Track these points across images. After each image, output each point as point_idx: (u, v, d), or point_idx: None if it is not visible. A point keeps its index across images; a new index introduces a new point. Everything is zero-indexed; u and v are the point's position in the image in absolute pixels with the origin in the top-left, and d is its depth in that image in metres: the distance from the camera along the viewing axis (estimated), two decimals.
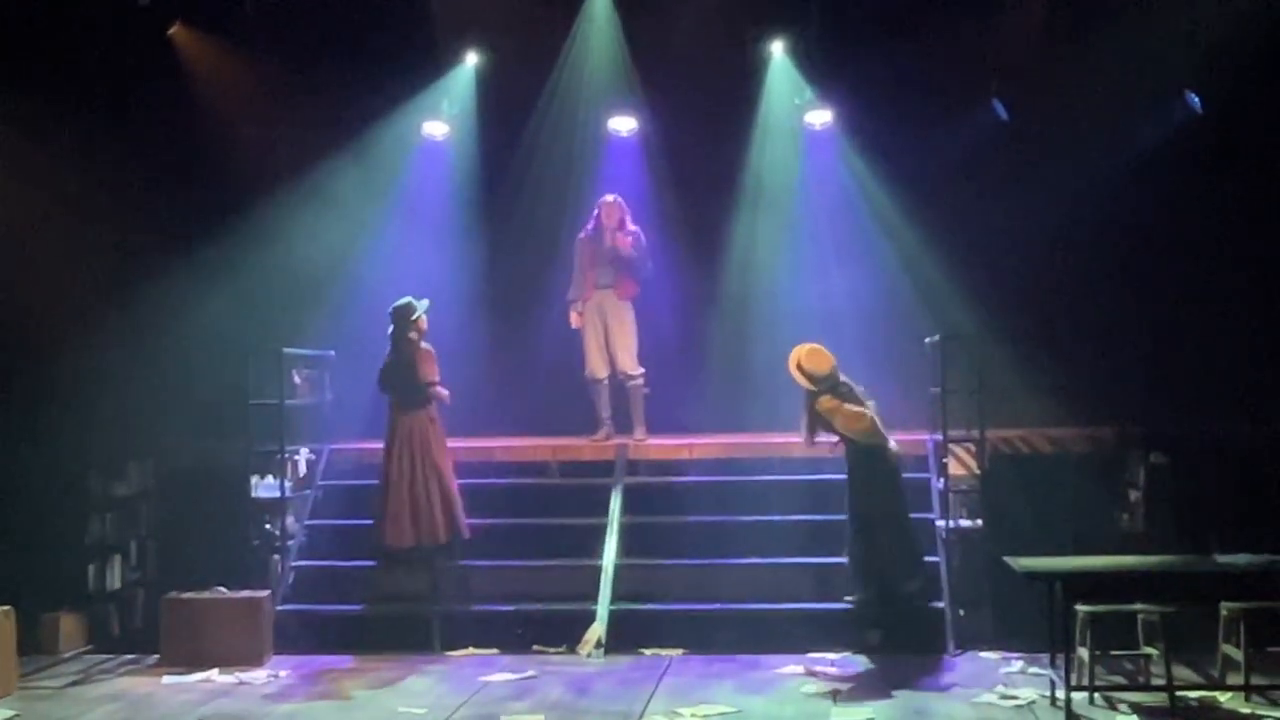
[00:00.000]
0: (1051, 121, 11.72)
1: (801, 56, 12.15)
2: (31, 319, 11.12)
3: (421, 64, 12.13)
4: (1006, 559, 8.58)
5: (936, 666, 9.49)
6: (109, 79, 11.47)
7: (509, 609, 10.38)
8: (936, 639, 9.86)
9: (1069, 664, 8.41)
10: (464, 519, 10.42)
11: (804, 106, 12.19)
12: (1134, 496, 10.51)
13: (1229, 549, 8.50)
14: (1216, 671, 8.85)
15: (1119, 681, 8.89)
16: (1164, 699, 8.32)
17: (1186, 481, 10.33)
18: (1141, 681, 8.77)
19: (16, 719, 8.61)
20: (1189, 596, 8.58)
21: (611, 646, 9.95)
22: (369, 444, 11.20)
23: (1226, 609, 8.71)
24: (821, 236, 12.18)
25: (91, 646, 10.53)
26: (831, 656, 9.73)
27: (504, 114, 12.39)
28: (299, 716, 8.58)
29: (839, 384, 9.83)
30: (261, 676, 9.51)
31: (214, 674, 9.55)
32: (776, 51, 12.24)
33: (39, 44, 11.20)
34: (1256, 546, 8.57)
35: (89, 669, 9.93)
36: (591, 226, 11.45)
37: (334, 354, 11.57)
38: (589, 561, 10.48)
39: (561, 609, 10.30)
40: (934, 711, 8.43)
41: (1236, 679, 8.50)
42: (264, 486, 10.66)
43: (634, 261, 11.32)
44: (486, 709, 8.60)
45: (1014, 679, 9.10)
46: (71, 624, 10.51)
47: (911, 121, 11.66)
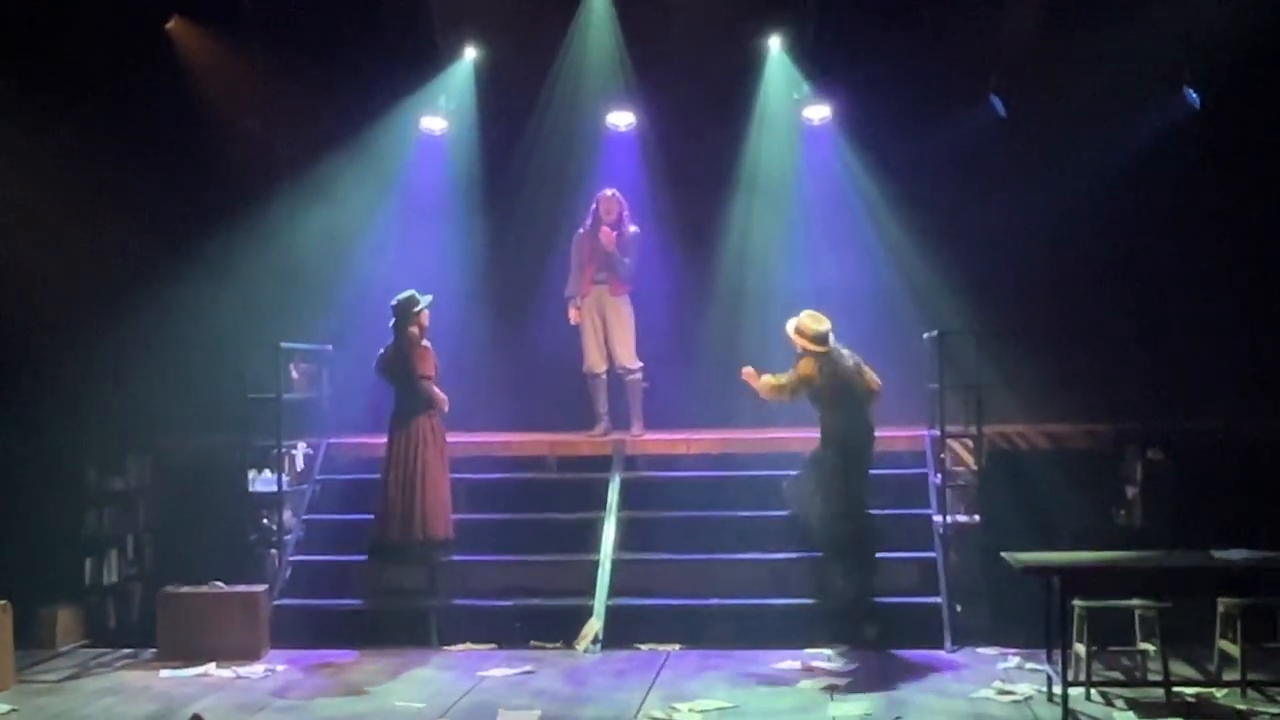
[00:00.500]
0: (1050, 118, 11.72)
1: (799, 52, 12.13)
2: (28, 314, 11.12)
3: (420, 59, 12.10)
4: (1004, 554, 8.57)
5: (933, 662, 9.49)
6: (107, 73, 11.44)
7: (506, 604, 10.40)
8: (934, 634, 9.88)
9: (1066, 659, 8.44)
10: (450, 518, 10.40)
11: (802, 102, 12.18)
12: (1131, 493, 10.51)
13: (1226, 545, 8.51)
14: (1213, 667, 8.87)
15: (1116, 677, 8.90)
16: (1160, 695, 8.32)
17: (1183, 478, 10.33)
18: (1138, 677, 8.78)
19: (14, 713, 8.60)
20: (1186, 592, 8.61)
21: (608, 641, 9.96)
22: (366, 438, 11.21)
23: (1223, 605, 8.72)
24: (819, 232, 12.17)
25: (88, 641, 10.52)
26: (828, 651, 9.74)
27: (502, 109, 12.37)
28: (296, 711, 8.57)
29: (833, 353, 9.85)
30: (259, 671, 9.50)
31: (211, 668, 9.54)
32: (774, 47, 12.21)
33: (38, 42, 11.19)
34: (1253, 542, 8.61)
35: (86, 663, 9.91)
36: (590, 222, 11.44)
37: (331, 349, 11.56)
38: (586, 556, 10.48)
39: (558, 604, 10.32)
40: (931, 707, 8.43)
41: (1233, 675, 8.52)
42: (261, 481, 10.67)
43: (611, 257, 11.30)
44: (484, 703, 8.60)
45: (1011, 674, 9.10)
46: (68, 618, 10.50)
47: (910, 117, 11.66)
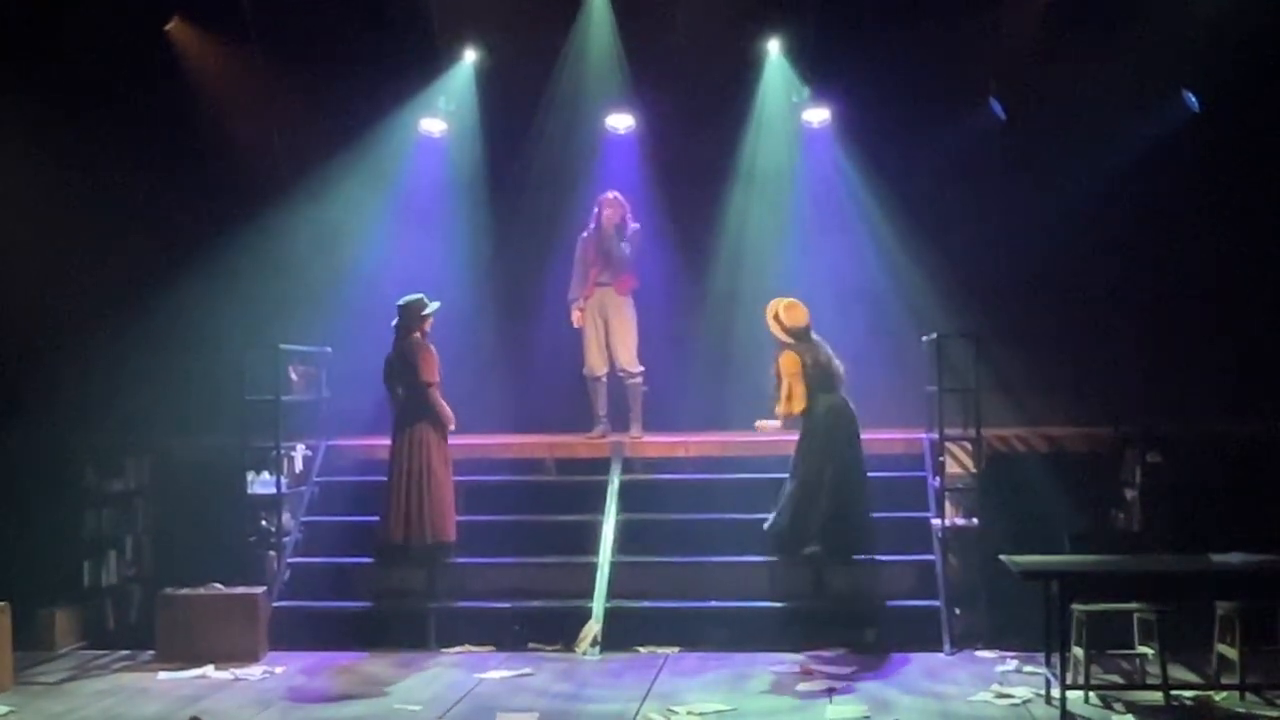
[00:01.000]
0: (1049, 121, 11.72)
1: (798, 55, 12.14)
2: (27, 315, 11.12)
3: (420, 61, 12.10)
4: (1002, 558, 8.58)
5: (931, 665, 9.49)
6: (107, 75, 11.44)
7: (505, 606, 10.39)
8: (932, 637, 9.88)
9: (1064, 663, 8.43)
10: (453, 520, 10.41)
11: (801, 105, 12.19)
12: (1130, 496, 10.51)
13: (1225, 548, 8.51)
14: (1212, 671, 8.86)
15: (1114, 680, 8.90)
16: (1159, 698, 8.33)
17: (1183, 481, 10.32)
18: (1137, 681, 8.78)
19: (12, 714, 8.60)
20: (1184, 596, 8.59)
21: (607, 643, 9.95)
22: (365, 440, 11.21)
23: (1222, 608, 8.72)
24: (817, 235, 12.17)
25: (87, 642, 10.52)
26: (827, 654, 9.74)
27: (502, 111, 12.37)
28: (295, 713, 8.57)
29: (811, 342, 9.98)
30: (257, 673, 9.50)
31: (209, 670, 9.54)
32: (773, 50, 12.22)
33: (38, 44, 11.18)
34: (1252, 546, 8.58)
35: (85, 664, 9.92)
36: (593, 225, 11.43)
37: (330, 350, 11.56)
38: (585, 559, 10.47)
39: (557, 606, 10.31)
40: (928, 710, 8.42)
41: (1232, 678, 8.53)
42: (260, 483, 10.66)
43: (610, 241, 11.24)
44: (482, 705, 8.60)
45: (1009, 678, 9.10)
46: (67, 619, 10.50)
47: (909, 121, 11.66)
